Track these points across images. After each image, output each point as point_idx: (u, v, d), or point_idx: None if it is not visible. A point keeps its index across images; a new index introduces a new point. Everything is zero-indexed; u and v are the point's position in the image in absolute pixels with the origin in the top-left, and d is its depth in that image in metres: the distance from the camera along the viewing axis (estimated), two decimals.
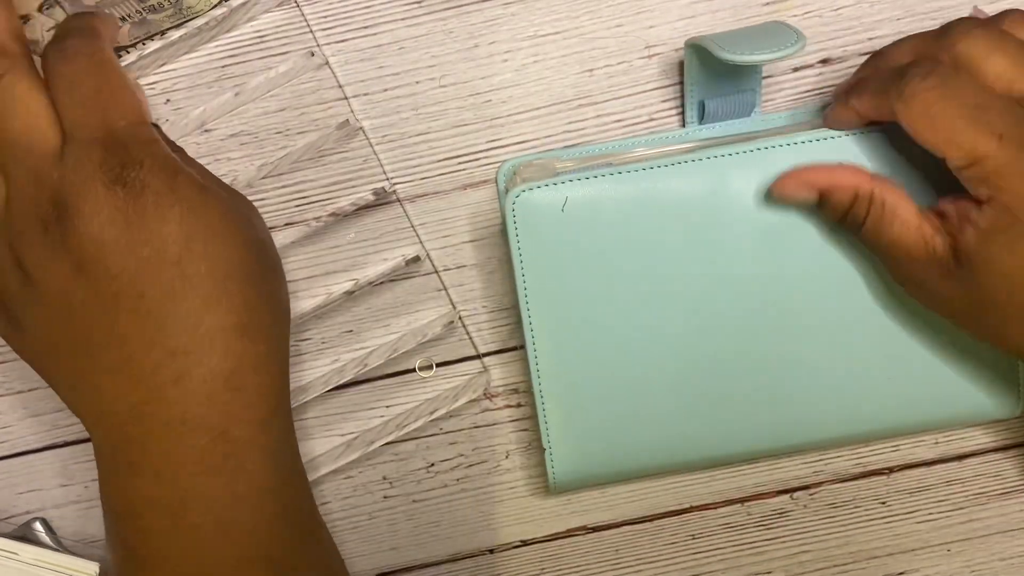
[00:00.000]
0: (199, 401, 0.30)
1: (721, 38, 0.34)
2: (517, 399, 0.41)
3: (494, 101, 0.38)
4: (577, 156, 0.38)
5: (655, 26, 0.38)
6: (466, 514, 0.42)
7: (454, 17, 0.37)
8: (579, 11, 0.37)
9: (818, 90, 0.39)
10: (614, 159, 0.37)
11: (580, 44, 0.38)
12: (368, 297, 0.40)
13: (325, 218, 0.38)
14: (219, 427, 0.30)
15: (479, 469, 0.42)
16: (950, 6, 0.38)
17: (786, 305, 0.37)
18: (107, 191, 0.29)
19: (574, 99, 0.38)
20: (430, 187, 0.39)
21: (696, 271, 0.36)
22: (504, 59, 0.38)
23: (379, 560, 0.43)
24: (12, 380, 0.40)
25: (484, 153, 0.38)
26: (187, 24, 0.35)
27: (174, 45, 0.36)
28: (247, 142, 0.38)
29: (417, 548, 0.43)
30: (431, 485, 0.42)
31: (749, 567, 0.43)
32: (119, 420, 0.30)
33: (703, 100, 0.37)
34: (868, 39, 0.38)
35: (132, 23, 0.34)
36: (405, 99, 0.38)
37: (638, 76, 0.38)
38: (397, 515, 0.42)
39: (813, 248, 0.36)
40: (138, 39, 0.35)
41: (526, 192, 0.35)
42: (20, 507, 0.41)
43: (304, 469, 0.34)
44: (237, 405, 0.30)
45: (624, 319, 0.37)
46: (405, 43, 0.37)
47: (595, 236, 0.36)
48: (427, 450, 0.41)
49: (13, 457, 0.41)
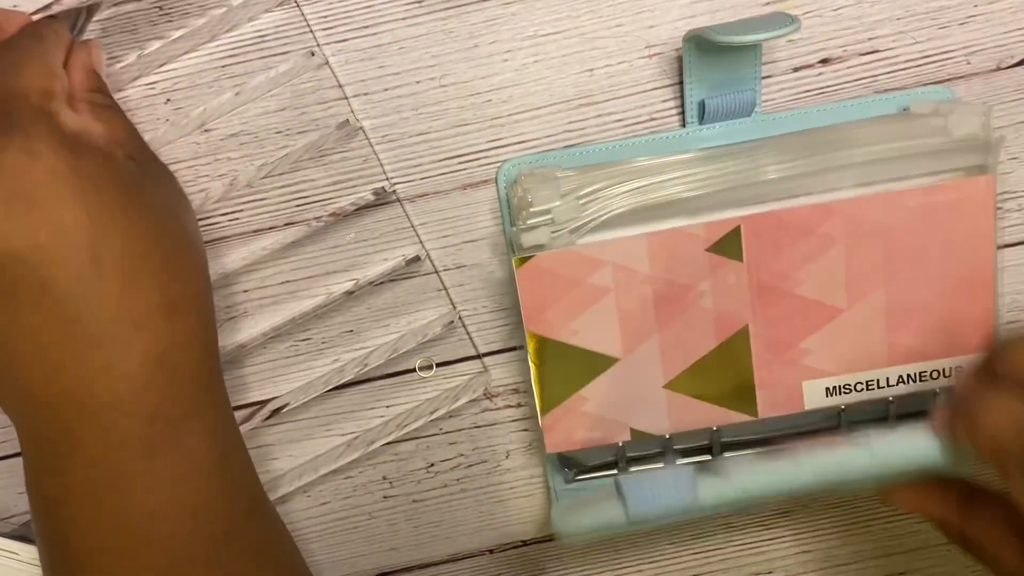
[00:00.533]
0: (131, 387, 0.28)
1: (718, 26, 0.34)
2: (517, 399, 0.41)
3: (494, 101, 0.38)
4: (578, 164, 0.37)
5: (655, 26, 0.38)
6: (466, 514, 0.42)
7: (454, 17, 0.37)
8: (579, 11, 0.37)
9: (818, 90, 0.39)
10: (616, 171, 0.36)
11: (580, 44, 0.38)
12: (368, 297, 0.40)
13: (325, 218, 0.38)
14: (154, 408, 0.29)
15: (479, 469, 0.42)
16: (951, 6, 0.38)
17: None
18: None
19: (574, 99, 0.38)
20: (430, 187, 0.39)
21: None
22: (504, 59, 0.38)
23: (379, 560, 0.43)
24: None
25: (484, 153, 0.38)
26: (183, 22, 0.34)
27: (174, 44, 0.36)
28: (247, 142, 0.38)
29: (417, 548, 0.43)
30: (431, 485, 0.42)
31: (749, 567, 0.43)
32: (43, 411, 0.28)
33: (703, 99, 0.37)
34: (868, 39, 0.38)
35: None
36: (405, 99, 0.38)
37: (638, 76, 0.38)
38: (397, 515, 0.42)
39: None
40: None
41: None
42: (20, 507, 0.41)
43: (243, 440, 0.33)
44: (171, 385, 0.29)
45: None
46: (405, 43, 0.37)
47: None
48: (427, 450, 0.41)
49: (12, 457, 0.41)
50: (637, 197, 0.35)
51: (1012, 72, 0.39)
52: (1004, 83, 0.39)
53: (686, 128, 0.38)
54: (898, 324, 0.37)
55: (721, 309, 0.37)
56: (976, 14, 0.38)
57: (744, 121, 0.38)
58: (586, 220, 0.35)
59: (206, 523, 0.30)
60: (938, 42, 0.38)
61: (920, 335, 0.37)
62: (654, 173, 0.36)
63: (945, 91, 0.38)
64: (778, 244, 0.36)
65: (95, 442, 0.28)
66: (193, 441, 0.30)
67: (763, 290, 0.36)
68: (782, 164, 0.36)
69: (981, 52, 0.38)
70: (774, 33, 0.33)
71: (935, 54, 0.38)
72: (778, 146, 0.36)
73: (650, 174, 0.36)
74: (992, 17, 0.38)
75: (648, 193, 0.35)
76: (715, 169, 0.35)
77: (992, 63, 0.39)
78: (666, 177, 0.35)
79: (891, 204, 0.35)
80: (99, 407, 0.28)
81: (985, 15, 0.38)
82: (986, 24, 0.38)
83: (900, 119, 0.36)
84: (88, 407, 0.28)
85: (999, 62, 0.39)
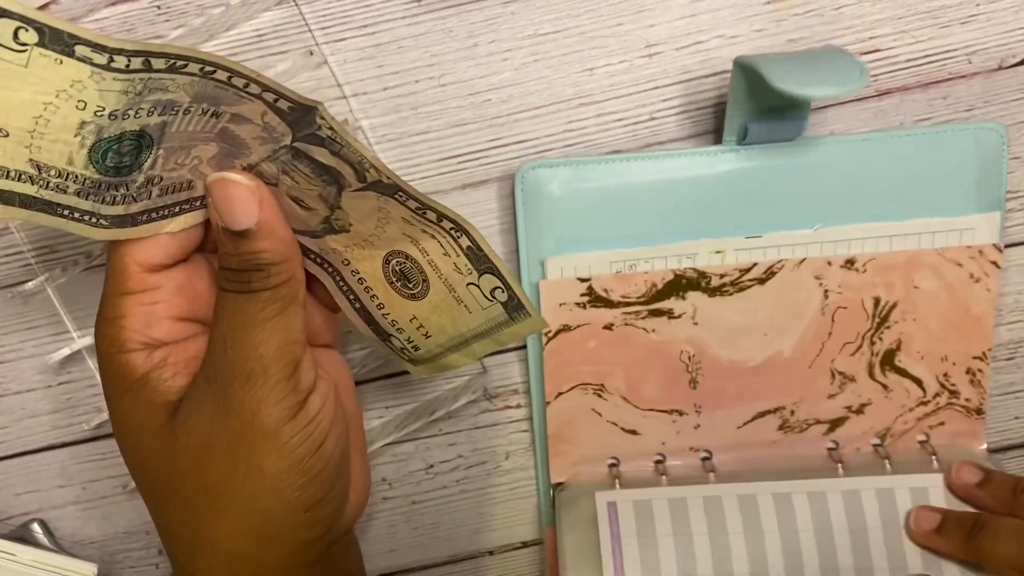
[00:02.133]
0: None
1: (775, 64, 0.31)
2: (516, 400, 0.41)
3: (494, 100, 0.38)
4: (604, 171, 0.37)
5: (656, 25, 0.38)
6: (466, 515, 0.42)
7: (454, 16, 0.37)
8: (579, 10, 0.37)
9: None
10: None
11: (580, 43, 0.38)
12: None
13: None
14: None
15: (479, 470, 0.42)
16: (952, 5, 0.38)
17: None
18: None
19: (574, 98, 0.38)
20: (429, 187, 0.38)
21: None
22: (504, 58, 0.38)
23: (378, 562, 0.42)
24: (10, 381, 0.40)
25: (484, 152, 0.38)
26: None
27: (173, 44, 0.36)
28: None
29: (416, 549, 0.42)
30: (430, 486, 0.42)
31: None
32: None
33: (746, 122, 0.36)
34: (870, 38, 0.38)
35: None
36: (404, 98, 0.38)
37: (639, 75, 0.38)
38: (396, 516, 0.42)
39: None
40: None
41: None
42: (18, 508, 0.41)
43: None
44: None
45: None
46: (404, 42, 0.37)
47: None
48: (426, 451, 0.41)
49: (11, 458, 0.40)
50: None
51: (1014, 71, 0.39)
52: (1006, 82, 0.39)
53: (723, 146, 0.37)
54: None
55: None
56: (978, 13, 0.38)
57: (785, 145, 0.37)
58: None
59: None
60: (939, 41, 0.38)
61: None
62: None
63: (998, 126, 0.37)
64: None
65: None
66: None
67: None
68: None
69: (983, 51, 0.38)
70: (841, 89, 0.30)
71: (936, 53, 0.38)
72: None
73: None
74: (994, 16, 0.38)
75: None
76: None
77: (994, 62, 0.38)
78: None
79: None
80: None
81: (987, 14, 0.38)
82: (988, 23, 0.38)
83: None
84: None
85: (1001, 61, 0.38)
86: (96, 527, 0.41)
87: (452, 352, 0.34)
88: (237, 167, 0.29)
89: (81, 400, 0.40)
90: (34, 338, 0.39)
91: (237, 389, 0.28)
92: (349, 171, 0.29)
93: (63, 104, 0.24)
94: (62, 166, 0.25)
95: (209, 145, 0.28)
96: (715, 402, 0.39)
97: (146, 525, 0.42)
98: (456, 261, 0.31)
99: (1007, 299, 0.40)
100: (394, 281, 0.32)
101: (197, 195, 0.29)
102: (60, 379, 0.40)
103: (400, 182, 0.29)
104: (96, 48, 0.23)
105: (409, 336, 0.33)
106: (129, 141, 0.26)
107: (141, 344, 0.29)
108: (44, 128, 0.24)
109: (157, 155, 0.27)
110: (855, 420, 0.40)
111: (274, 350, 0.28)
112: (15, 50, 0.22)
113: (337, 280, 0.33)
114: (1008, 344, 0.41)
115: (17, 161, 0.24)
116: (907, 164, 0.37)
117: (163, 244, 0.29)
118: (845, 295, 0.38)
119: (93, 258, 0.37)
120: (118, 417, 0.30)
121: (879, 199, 0.37)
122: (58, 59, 0.23)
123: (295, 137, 0.28)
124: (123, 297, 0.29)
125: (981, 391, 0.39)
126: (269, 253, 0.29)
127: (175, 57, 0.24)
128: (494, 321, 0.32)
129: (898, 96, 0.39)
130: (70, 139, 0.25)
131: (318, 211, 0.30)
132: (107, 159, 0.26)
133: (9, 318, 0.39)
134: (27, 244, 0.38)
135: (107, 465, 0.41)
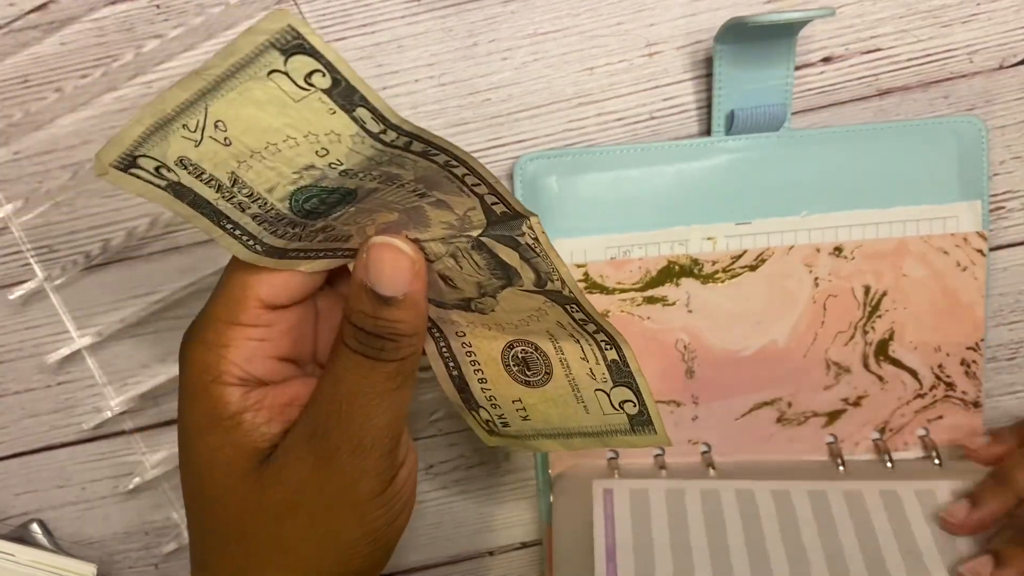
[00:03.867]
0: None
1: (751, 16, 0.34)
2: None
3: (493, 100, 0.38)
4: (599, 164, 0.37)
5: (656, 24, 0.37)
6: (466, 516, 0.42)
7: (453, 15, 0.37)
8: (579, 9, 0.37)
9: (820, 88, 0.38)
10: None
11: (580, 42, 0.37)
12: None
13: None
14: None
15: (479, 471, 0.42)
16: (953, 4, 0.38)
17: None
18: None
19: (574, 97, 0.38)
20: None
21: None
22: (504, 57, 0.37)
23: None
24: (8, 381, 0.40)
25: (484, 152, 0.38)
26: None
27: (171, 43, 0.36)
28: None
29: (416, 550, 0.42)
30: (431, 487, 0.42)
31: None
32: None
33: (733, 110, 0.37)
34: (870, 37, 0.38)
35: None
36: (404, 97, 0.38)
37: (639, 74, 0.38)
38: None
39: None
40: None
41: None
42: (17, 508, 0.41)
43: None
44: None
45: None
46: (404, 41, 0.37)
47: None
48: (427, 451, 0.41)
49: (10, 458, 0.40)
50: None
51: (1015, 71, 0.38)
52: (1007, 82, 0.38)
53: (712, 137, 0.38)
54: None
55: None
56: (979, 12, 0.38)
57: (771, 135, 0.37)
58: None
59: None
60: (940, 40, 0.38)
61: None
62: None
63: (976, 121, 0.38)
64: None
65: None
66: None
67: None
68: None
69: (983, 50, 0.38)
70: (814, 13, 0.33)
71: (937, 52, 0.38)
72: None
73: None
74: (995, 15, 0.38)
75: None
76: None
77: (995, 62, 0.38)
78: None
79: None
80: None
81: (987, 13, 0.38)
82: (988, 23, 0.38)
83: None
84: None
85: (1001, 60, 0.38)
86: (95, 527, 0.41)
87: (547, 439, 0.32)
88: (403, 235, 0.27)
89: (80, 400, 0.40)
90: (34, 338, 0.39)
91: (344, 457, 0.27)
92: (531, 276, 0.28)
93: (305, 144, 0.22)
94: (260, 191, 0.24)
95: (393, 214, 0.27)
96: (712, 392, 0.39)
97: (145, 525, 0.42)
98: (593, 368, 0.29)
99: (1007, 299, 0.40)
100: (511, 365, 0.31)
101: (348, 247, 0.28)
102: (59, 379, 0.40)
103: (581, 297, 0.27)
104: (377, 117, 0.22)
105: (503, 413, 0.32)
106: (338, 195, 0.25)
107: (238, 379, 0.28)
108: (269, 155, 0.23)
109: (348, 211, 0.26)
110: (853, 413, 0.40)
111: (386, 423, 0.28)
112: (299, 87, 0.21)
113: (440, 346, 0.31)
114: (1009, 344, 0.41)
115: (219, 169, 0.23)
116: (891, 155, 0.38)
117: (290, 286, 0.28)
118: (835, 283, 0.38)
119: (92, 258, 0.37)
120: (199, 449, 0.28)
121: (864, 188, 0.38)
122: (332, 110, 0.21)
123: (485, 232, 0.27)
124: (231, 327, 0.27)
125: (977, 383, 0.39)
126: (406, 325, 0.27)
127: (436, 147, 0.23)
128: (612, 428, 0.31)
129: (899, 95, 0.38)
130: (287, 173, 0.23)
131: (464, 292, 0.29)
132: (308, 203, 0.25)
133: (9, 318, 0.39)
134: (27, 244, 0.38)
135: (106, 465, 0.41)
